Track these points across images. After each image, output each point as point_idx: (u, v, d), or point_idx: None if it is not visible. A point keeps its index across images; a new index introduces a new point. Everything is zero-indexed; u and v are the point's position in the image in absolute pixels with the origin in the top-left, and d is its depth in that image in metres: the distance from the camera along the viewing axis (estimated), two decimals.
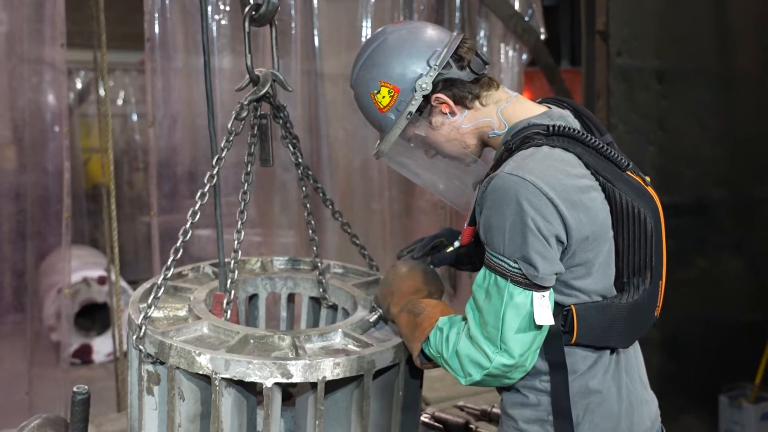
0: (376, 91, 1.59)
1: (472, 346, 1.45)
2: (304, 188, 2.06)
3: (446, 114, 1.59)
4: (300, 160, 2.04)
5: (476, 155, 1.63)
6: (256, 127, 1.91)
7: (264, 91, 1.87)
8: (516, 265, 1.41)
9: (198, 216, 1.78)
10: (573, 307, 1.48)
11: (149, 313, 1.70)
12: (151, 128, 3.42)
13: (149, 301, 1.72)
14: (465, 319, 1.51)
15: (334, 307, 2.12)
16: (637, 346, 1.64)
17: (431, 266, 1.78)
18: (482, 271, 1.47)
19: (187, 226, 1.77)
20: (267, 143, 1.93)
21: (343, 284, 2.09)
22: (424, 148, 1.65)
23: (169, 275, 1.76)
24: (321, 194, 2.11)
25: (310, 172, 2.07)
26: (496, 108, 1.58)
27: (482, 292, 1.46)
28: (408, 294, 1.67)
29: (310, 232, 2.08)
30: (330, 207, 2.13)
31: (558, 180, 1.41)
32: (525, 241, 1.39)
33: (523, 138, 1.49)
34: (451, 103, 1.57)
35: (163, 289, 1.75)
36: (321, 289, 2.10)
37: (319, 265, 2.09)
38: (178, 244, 1.76)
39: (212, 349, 1.61)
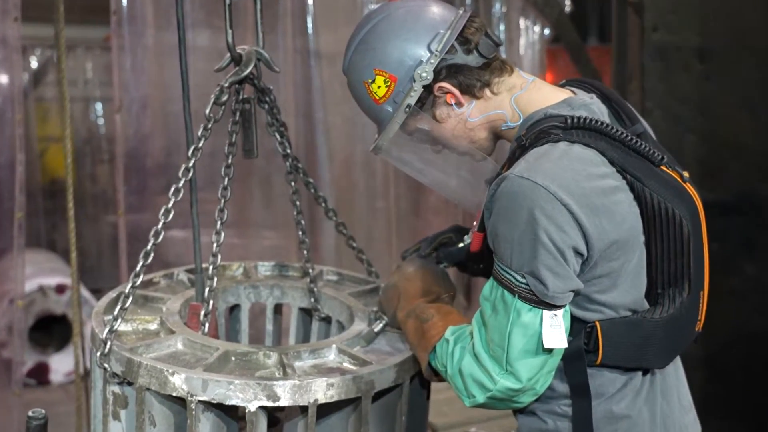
0: (370, 80, 1.59)
1: (476, 364, 1.47)
2: (292, 183, 2.07)
3: (452, 105, 1.58)
4: (288, 150, 2.04)
5: (488, 150, 1.63)
6: (238, 113, 1.91)
7: (247, 71, 1.87)
8: (524, 281, 1.41)
9: (171, 215, 1.78)
10: (597, 324, 1.48)
11: (115, 327, 1.71)
12: (118, 114, 3.43)
13: (115, 313, 1.73)
14: (471, 332, 1.52)
15: (327, 320, 2.12)
16: (678, 363, 1.64)
17: (440, 265, 1.79)
18: (490, 282, 1.48)
19: (159, 226, 1.77)
20: (251, 131, 1.94)
21: (338, 293, 2.10)
22: (428, 143, 1.65)
23: (138, 283, 1.76)
24: (312, 190, 2.12)
25: (299, 165, 2.08)
26: (509, 96, 1.58)
27: (489, 305, 1.47)
28: (416, 297, 1.69)
29: (300, 233, 2.09)
30: (322, 205, 2.14)
31: (576, 183, 1.41)
32: (535, 254, 1.40)
33: (538, 132, 1.49)
34: (456, 92, 1.57)
35: (131, 298, 1.75)
36: (312, 299, 2.11)
37: (310, 271, 2.09)
38: (148, 247, 1.76)
39: (188, 367, 1.62)
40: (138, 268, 1.76)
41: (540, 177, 1.39)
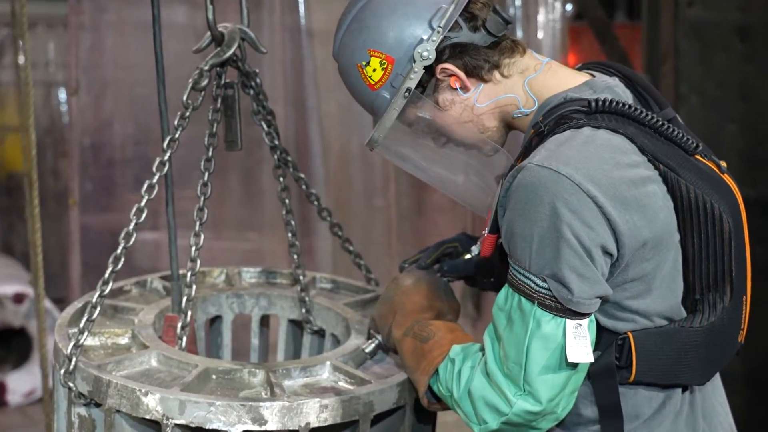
0: (364, 63, 1.58)
1: (489, 385, 1.46)
2: (281, 179, 2.07)
3: (456, 89, 1.58)
4: (276, 142, 2.04)
5: (498, 141, 1.63)
6: (219, 100, 1.91)
7: (230, 53, 1.88)
8: (544, 285, 1.41)
9: (144, 215, 1.79)
10: (630, 335, 1.47)
11: (81, 341, 1.71)
12: (74, 97, 3.42)
13: (81, 325, 1.73)
14: (483, 349, 1.51)
15: (320, 333, 2.13)
16: (717, 381, 1.63)
17: (443, 278, 1.79)
18: (504, 289, 1.47)
19: (131, 227, 1.77)
20: (234, 120, 1.94)
21: (333, 303, 2.10)
22: (430, 134, 1.65)
23: (106, 291, 1.76)
24: (303, 187, 2.12)
25: (289, 158, 2.08)
26: (521, 79, 1.58)
27: (503, 316, 1.46)
28: (414, 313, 1.68)
29: (290, 235, 2.09)
30: (315, 203, 2.14)
31: (603, 172, 1.40)
32: (558, 254, 1.39)
33: (557, 118, 1.49)
34: (461, 75, 1.57)
35: (98, 309, 1.75)
36: (304, 310, 2.11)
37: (301, 278, 2.10)
38: (118, 251, 1.76)
39: (163, 386, 1.62)
40: (107, 275, 1.76)
41: (563, 166, 1.39)
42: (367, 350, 1.79)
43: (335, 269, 3.56)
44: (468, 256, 1.82)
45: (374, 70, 1.58)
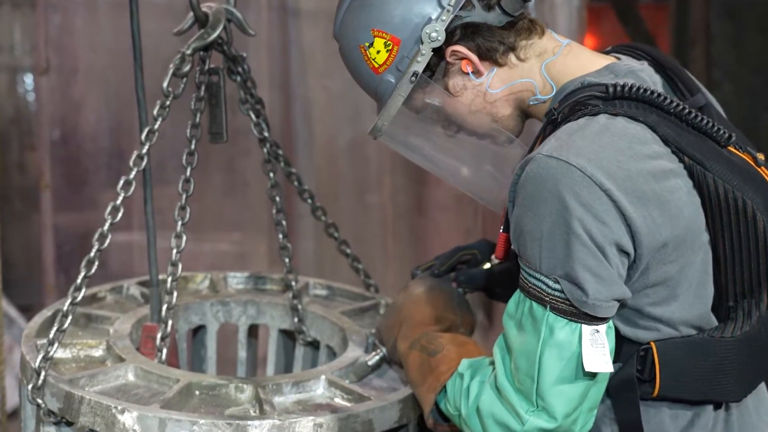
0: (367, 44, 1.59)
1: (499, 401, 1.46)
2: (271, 174, 2.07)
3: (468, 74, 1.59)
4: (266, 133, 2.05)
5: (513, 131, 1.63)
6: (203, 87, 1.92)
7: (214, 35, 1.88)
8: (557, 286, 1.41)
9: (120, 214, 1.79)
10: (653, 345, 1.47)
11: (51, 353, 1.71)
12: (44, 77, 3.42)
13: (51, 336, 1.73)
14: (494, 363, 1.51)
15: (314, 345, 2.13)
16: (761, 395, 1.62)
17: (459, 288, 1.79)
18: (515, 295, 1.47)
19: (106, 227, 1.78)
20: (219, 110, 1.94)
21: (328, 312, 2.11)
22: (439, 122, 1.65)
23: (78, 298, 1.76)
24: (296, 183, 2.12)
25: (280, 152, 2.09)
26: (539, 63, 1.58)
27: (513, 325, 1.46)
28: (422, 325, 1.68)
29: (281, 236, 2.09)
30: (308, 201, 2.14)
31: (618, 163, 1.40)
32: (569, 251, 1.39)
33: (572, 104, 1.49)
34: (474, 58, 1.57)
35: (70, 318, 1.76)
36: (296, 319, 2.11)
37: (293, 284, 2.10)
38: (92, 254, 1.77)
39: (141, 403, 1.62)
40: (79, 280, 1.76)
41: (573, 156, 1.39)
42: (370, 363, 1.79)
43: (323, 273, 3.55)
44: (487, 266, 1.82)
45: (378, 51, 1.58)
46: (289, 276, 2.10)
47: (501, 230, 1.57)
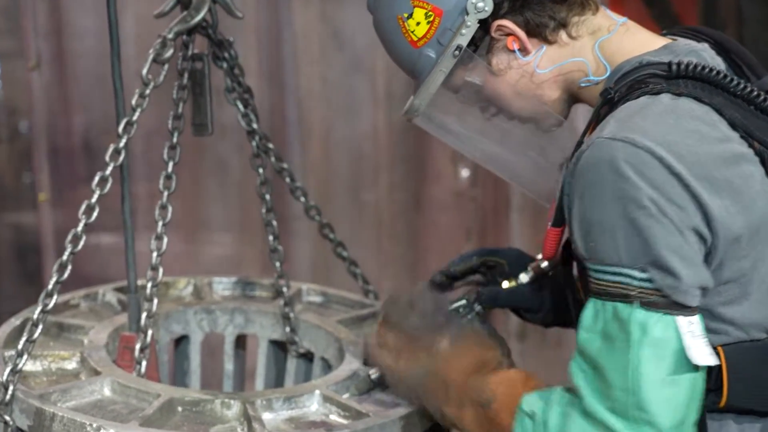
0: (406, 15, 1.59)
1: (592, 427, 1.41)
2: (260, 170, 2.07)
3: (514, 52, 1.59)
4: (255, 125, 2.05)
5: (561, 115, 1.63)
6: (186, 75, 1.91)
7: (199, 18, 1.87)
8: (644, 276, 1.38)
9: (96, 213, 1.78)
10: (721, 350, 1.45)
11: (20, 365, 1.70)
12: (35, 72, 3.41)
13: (20, 347, 1.73)
14: (569, 390, 1.47)
15: (307, 356, 2.13)
16: None
17: (476, 309, 1.77)
18: (590, 305, 1.44)
19: (80, 228, 1.77)
20: (203, 99, 1.94)
21: (323, 320, 2.10)
22: (478, 103, 1.65)
23: (50, 306, 1.76)
24: (288, 180, 2.12)
25: (270, 146, 2.08)
26: (592, 42, 1.58)
27: (596, 338, 1.42)
28: (467, 378, 1.60)
29: (271, 238, 2.09)
30: (302, 200, 2.14)
31: (687, 147, 1.39)
32: (650, 234, 1.37)
33: (630, 84, 1.49)
34: (521, 34, 1.57)
35: (40, 327, 1.75)
36: (288, 328, 2.11)
37: (284, 290, 2.10)
38: (64, 257, 1.76)
39: (118, 420, 1.61)
40: (51, 286, 1.76)
41: (639, 137, 1.38)
42: (373, 377, 1.78)
43: (317, 278, 3.55)
44: (512, 284, 1.79)
45: (418, 23, 1.59)
46: (280, 281, 2.10)
47: (549, 225, 1.55)
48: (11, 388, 1.66)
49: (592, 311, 1.43)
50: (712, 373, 1.45)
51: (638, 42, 1.57)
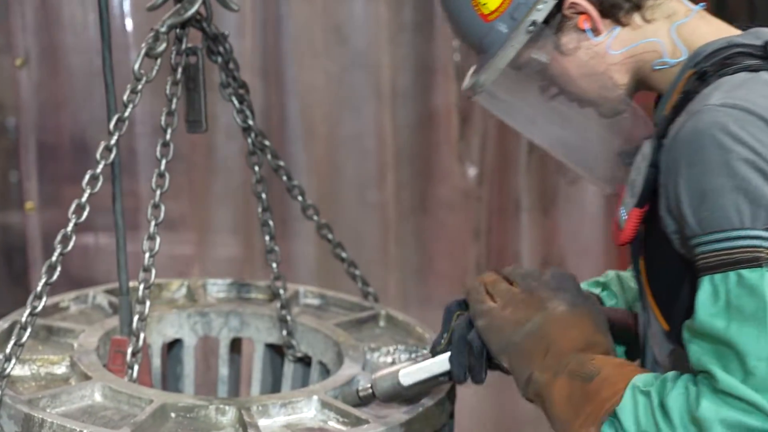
0: None
1: (727, 403, 1.38)
2: (256, 168, 2.07)
3: (585, 31, 1.59)
4: (250, 122, 2.05)
5: (624, 100, 1.63)
6: (179, 70, 1.91)
7: (193, 10, 1.88)
8: None
9: (86, 213, 1.79)
10: None
11: (8, 370, 1.71)
12: (24, 69, 3.42)
13: (7, 351, 1.73)
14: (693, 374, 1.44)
15: (305, 361, 2.13)
16: None
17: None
18: (704, 285, 1.42)
19: (69, 228, 1.77)
20: (197, 95, 1.94)
21: (321, 323, 2.11)
22: (540, 82, 1.65)
23: (38, 308, 1.76)
24: (284, 177, 2.12)
25: (267, 143, 2.08)
26: (667, 25, 1.59)
27: (720, 318, 1.40)
28: (571, 351, 1.57)
29: (267, 238, 2.09)
30: (299, 199, 2.14)
31: None
32: None
33: (720, 62, 1.50)
34: (594, 14, 1.58)
35: (29, 330, 1.75)
36: (284, 332, 2.12)
37: (281, 292, 2.10)
38: (54, 258, 1.76)
39: (109, 427, 1.62)
40: (39, 288, 1.76)
41: (750, 105, 1.39)
42: (362, 394, 1.75)
43: (320, 281, 3.55)
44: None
45: None
46: (276, 283, 2.10)
47: (633, 206, 1.54)
48: None
49: (709, 289, 1.41)
50: None
51: (715, 28, 1.59)
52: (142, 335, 1.82)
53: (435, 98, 3.99)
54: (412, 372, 1.73)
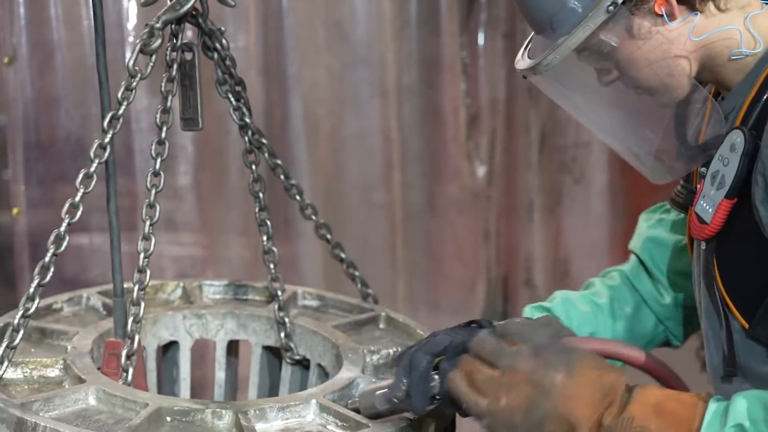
0: None
1: None
2: (253, 166, 2.09)
3: (661, 16, 1.57)
4: (247, 119, 2.06)
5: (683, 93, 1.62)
6: (174, 66, 1.93)
7: (188, 6, 1.88)
8: None
9: (80, 213, 1.80)
10: None
11: (0, 373, 1.72)
12: (11, 67, 3.43)
13: (0, 353, 1.74)
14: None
15: (303, 364, 2.14)
16: None
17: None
18: None
19: (63, 228, 1.78)
20: (193, 92, 1.95)
21: (320, 326, 2.12)
22: (602, 65, 1.62)
23: (31, 310, 1.77)
24: (281, 176, 2.14)
25: (264, 141, 2.10)
26: (742, 15, 1.58)
27: None
28: (594, 412, 1.44)
29: (265, 239, 2.11)
30: (297, 198, 2.15)
31: None
32: None
33: None
34: None
35: (21, 332, 1.76)
36: (282, 334, 2.12)
37: (279, 293, 2.11)
38: (47, 259, 1.77)
39: (103, 430, 1.63)
40: (32, 290, 1.77)
41: None
42: (350, 407, 1.74)
43: (325, 282, 3.55)
44: None
45: None
46: (274, 284, 2.11)
47: (711, 202, 1.55)
48: None
49: None
50: None
51: None
52: (137, 337, 1.83)
53: (442, 95, 3.98)
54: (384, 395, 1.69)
